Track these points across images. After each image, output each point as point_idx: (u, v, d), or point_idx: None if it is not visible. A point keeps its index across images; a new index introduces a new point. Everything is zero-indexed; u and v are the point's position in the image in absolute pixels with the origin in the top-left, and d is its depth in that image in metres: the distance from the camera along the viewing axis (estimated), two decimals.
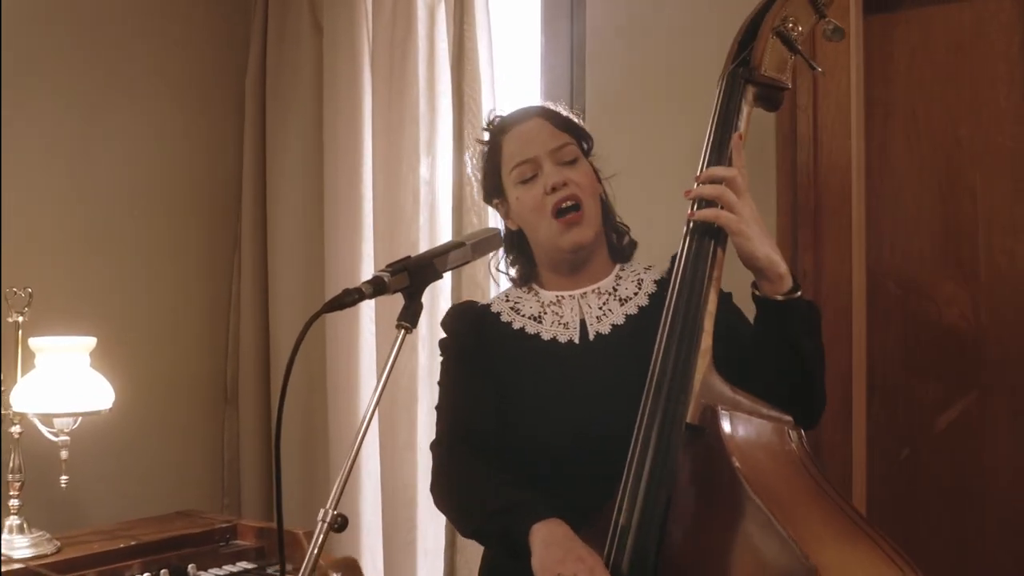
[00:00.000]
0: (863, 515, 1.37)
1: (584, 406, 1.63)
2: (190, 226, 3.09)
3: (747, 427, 1.42)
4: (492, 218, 2.59)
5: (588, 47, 2.51)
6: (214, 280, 3.15)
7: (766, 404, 1.44)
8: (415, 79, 2.75)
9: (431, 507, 2.66)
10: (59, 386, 2.31)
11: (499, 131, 1.80)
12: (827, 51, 2.03)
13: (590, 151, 1.81)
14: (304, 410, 2.95)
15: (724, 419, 1.41)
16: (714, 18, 2.16)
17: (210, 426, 3.14)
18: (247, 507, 3.09)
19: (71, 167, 2.81)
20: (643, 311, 1.71)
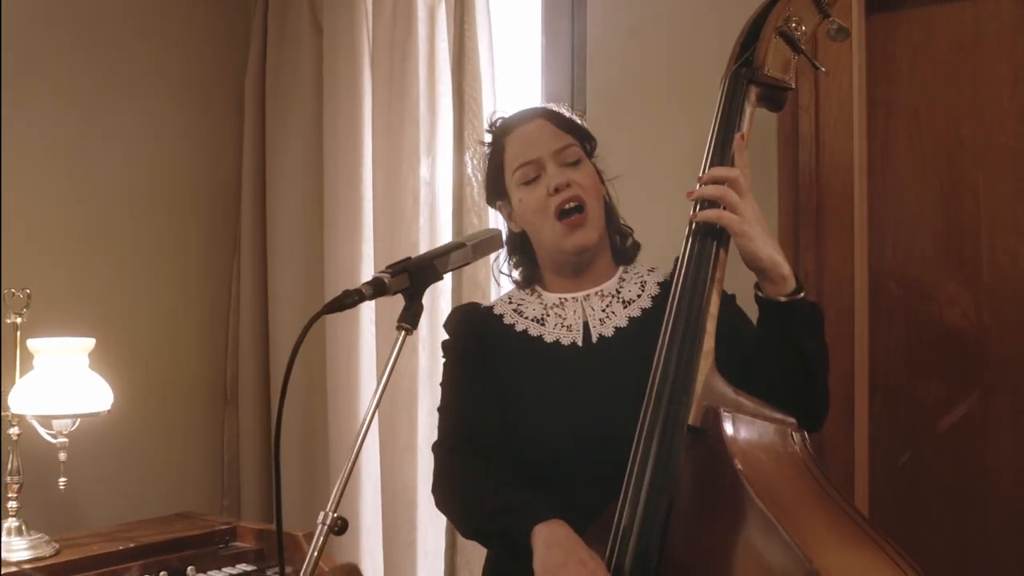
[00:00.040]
0: (866, 517, 1.37)
1: (587, 408, 1.63)
2: (189, 226, 3.08)
3: (749, 429, 1.41)
4: (492, 218, 2.59)
5: (589, 47, 2.51)
6: (214, 281, 3.14)
7: (769, 406, 1.43)
8: (415, 79, 2.75)
9: (431, 509, 2.66)
10: (58, 387, 2.30)
11: (502, 133, 1.79)
12: (829, 51, 2.02)
13: (593, 152, 1.80)
14: (304, 411, 2.95)
15: (726, 421, 1.41)
16: (715, 18, 2.16)
17: (209, 427, 3.13)
18: (247, 508, 3.08)
19: (70, 167, 2.80)
20: (646, 313, 1.70)
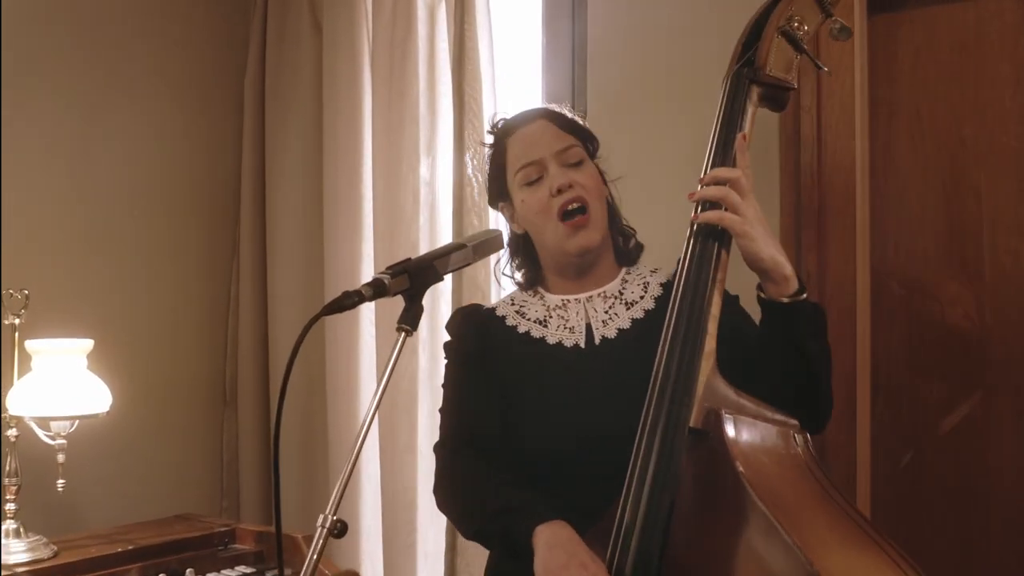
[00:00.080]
0: (869, 519, 1.36)
1: (589, 410, 1.62)
2: (189, 227, 3.07)
3: (751, 431, 1.41)
4: (493, 219, 2.58)
5: (589, 47, 2.50)
6: (213, 281, 3.13)
7: (771, 408, 1.43)
8: (415, 79, 2.74)
9: (431, 510, 2.67)
10: (56, 389, 2.29)
11: (503, 134, 1.79)
12: (831, 51, 2.02)
13: (595, 153, 1.79)
14: (304, 413, 2.94)
15: (728, 423, 1.40)
16: (716, 18, 2.16)
17: (209, 429, 3.13)
18: (246, 510, 3.08)
19: (69, 167, 2.80)
20: (649, 315, 1.70)
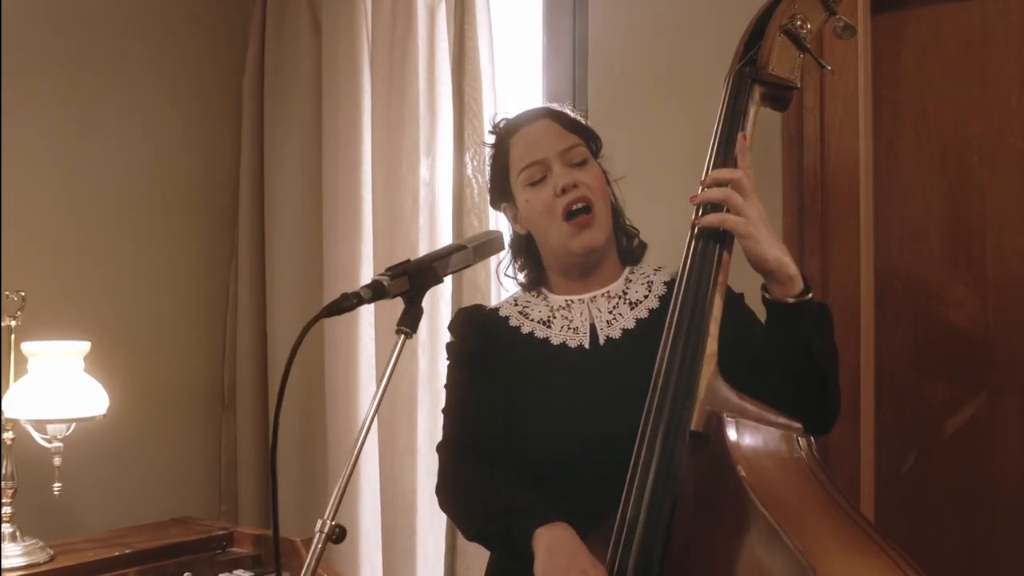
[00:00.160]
0: (873, 524, 1.35)
1: (593, 410, 1.61)
2: (187, 227, 3.06)
3: (754, 434, 1.40)
4: (493, 220, 2.57)
5: (590, 46, 2.50)
6: (211, 283, 3.12)
7: (774, 411, 1.42)
8: (415, 78, 2.73)
9: (431, 513, 2.66)
10: (52, 391, 2.28)
11: (506, 134, 1.77)
12: (835, 50, 2.01)
13: (599, 152, 1.78)
14: (302, 415, 2.93)
15: (730, 426, 1.39)
16: (717, 16, 2.16)
17: (207, 431, 3.11)
18: (244, 513, 3.07)
19: (66, 167, 2.78)
20: (653, 314, 1.69)
